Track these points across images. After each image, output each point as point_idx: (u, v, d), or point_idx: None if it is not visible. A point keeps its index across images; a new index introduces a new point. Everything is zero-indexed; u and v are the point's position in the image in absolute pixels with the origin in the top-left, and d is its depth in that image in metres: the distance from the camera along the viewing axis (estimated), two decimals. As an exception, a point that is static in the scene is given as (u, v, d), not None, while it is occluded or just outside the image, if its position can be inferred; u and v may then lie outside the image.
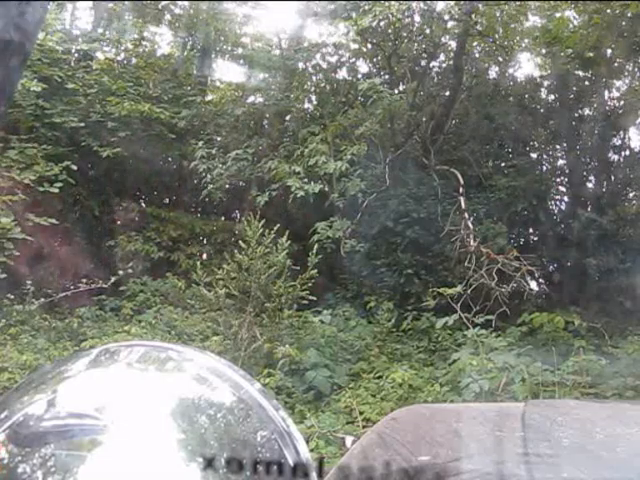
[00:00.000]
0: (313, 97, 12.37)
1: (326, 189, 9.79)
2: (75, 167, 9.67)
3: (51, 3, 10.41)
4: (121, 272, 9.19)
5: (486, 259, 8.63)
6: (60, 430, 0.74)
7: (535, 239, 12.23)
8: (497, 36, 12.20)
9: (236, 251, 8.01)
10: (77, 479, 0.71)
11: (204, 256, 11.26)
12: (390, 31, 11.13)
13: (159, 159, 11.83)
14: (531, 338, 8.07)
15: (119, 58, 13.17)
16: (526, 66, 15.02)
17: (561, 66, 11.34)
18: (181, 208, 12.04)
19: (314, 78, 12.29)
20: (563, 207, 12.40)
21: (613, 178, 12.14)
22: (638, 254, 9.74)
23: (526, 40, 12.69)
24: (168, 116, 10.96)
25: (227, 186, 10.88)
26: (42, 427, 0.74)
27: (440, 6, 10.76)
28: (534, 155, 12.82)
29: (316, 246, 8.54)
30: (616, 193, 11.92)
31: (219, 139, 11.60)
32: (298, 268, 8.11)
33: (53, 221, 8.84)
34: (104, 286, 8.75)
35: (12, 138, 9.55)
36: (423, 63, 12.01)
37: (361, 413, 6.73)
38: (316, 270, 8.02)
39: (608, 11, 10.92)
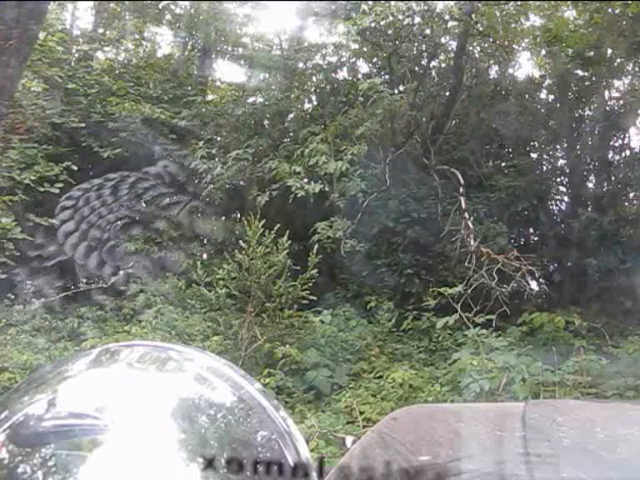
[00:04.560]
0: (313, 97, 12.36)
1: (326, 189, 9.77)
2: (75, 167, 9.68)
3: (51, 3, 10.40)
4: (121, 272, 9.18)
5: (486, 259, 8.62)
6: (60, 430, 0.74)
7: (535, 239, 12.22)
8: (497, 36, 12.19)
9: (236, 251, 8.01)
10: (77, 479, 0.71)
11: (204, 256, 11.25)
12: (390, 31, 11.12)
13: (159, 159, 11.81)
14: (531, 338, 8.06)
15: (119, 58, 13.19)
16: (526, 66, 15.06)
17: (561, 66, 11.34)
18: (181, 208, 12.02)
19: (314, 78, 12.29)
20: (563, 207, 12.38)
21: (613, 178, 12.12)
22: (638, 254, 9.73)
23: (526, 40, 12.68)
24: (168, 116, 10.96)
25: (227, 186, 10.87)
26: (42, 427, 0.74)
27: (440, 6, 10.75)
28: (534, 155, 12.80)
29: (316, 246, 8.52)
30: (616, 193, 11.91)
31: (219, 139, 11.60)
32: (298, 268, 8.10)
33: (53, 221, 8.84)
34: (104, 286, 8.74)
35: (12, 138, 9.55)
36: (423, 63, 12.00)
37: (361, 413, 6.72)
38: (316, 270, 8.02)
39: (609, 11, 10.93)
